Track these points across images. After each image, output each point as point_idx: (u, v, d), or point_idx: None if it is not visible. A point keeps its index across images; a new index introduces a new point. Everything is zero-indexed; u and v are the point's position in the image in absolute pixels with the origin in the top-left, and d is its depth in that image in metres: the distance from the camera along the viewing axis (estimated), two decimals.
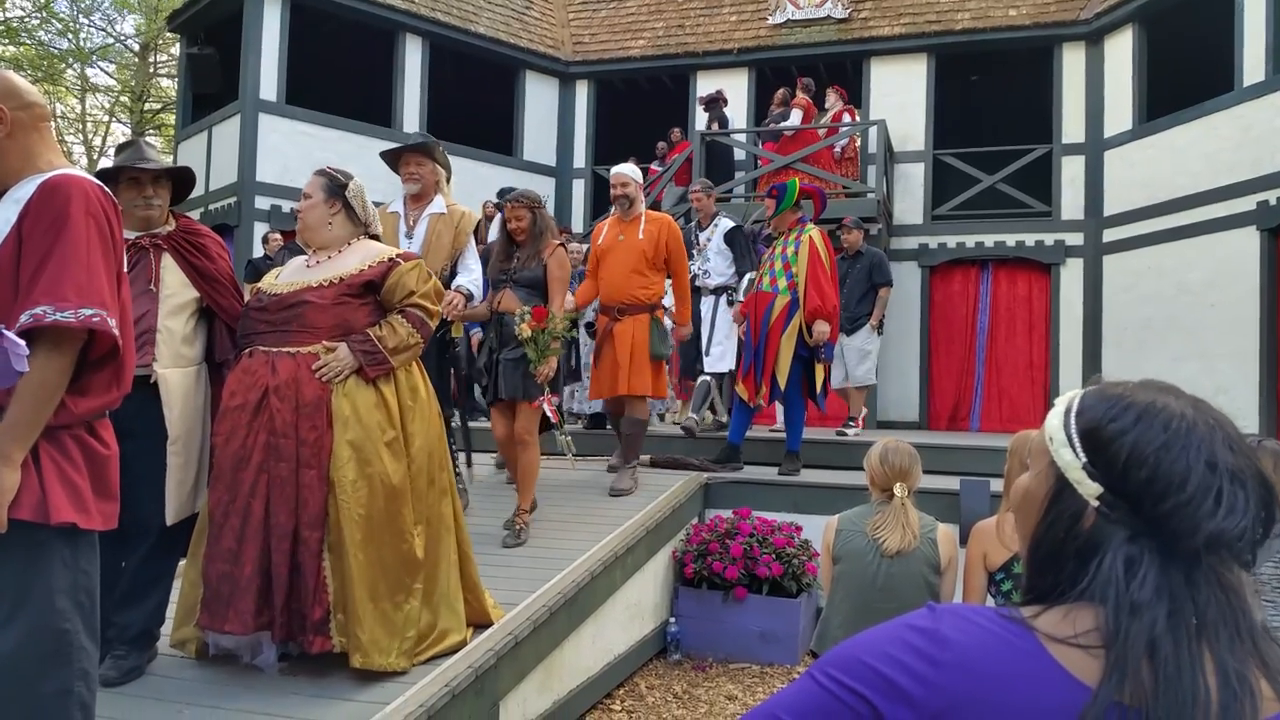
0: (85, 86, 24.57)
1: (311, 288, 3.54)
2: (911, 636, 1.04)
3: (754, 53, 13.21)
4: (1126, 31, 11.37)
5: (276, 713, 3.16)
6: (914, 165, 12.47)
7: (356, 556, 3.33)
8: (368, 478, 3.39)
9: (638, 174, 6.35)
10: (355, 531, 3.33)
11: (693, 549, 6.01)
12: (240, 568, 3.32)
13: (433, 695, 3.36)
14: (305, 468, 3.35)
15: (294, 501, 3.34)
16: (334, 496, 3.35)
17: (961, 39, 12.29)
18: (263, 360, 3.46)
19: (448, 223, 5.28)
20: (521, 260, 5.38)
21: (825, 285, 6.57)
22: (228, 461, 3.39)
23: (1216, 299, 9.98)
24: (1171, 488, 1.00)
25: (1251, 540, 1.00)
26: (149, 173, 3.65)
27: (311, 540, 3.34)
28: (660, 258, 6.10)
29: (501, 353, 5.28)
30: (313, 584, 3.33)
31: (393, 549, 3.43)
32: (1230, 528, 0.98)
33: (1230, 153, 9.96)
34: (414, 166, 5.28)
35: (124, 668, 3.44)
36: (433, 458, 3.65)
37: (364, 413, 3.43)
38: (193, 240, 3.72)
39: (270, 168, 11.62)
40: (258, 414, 3.37)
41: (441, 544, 3.66)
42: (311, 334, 3.47)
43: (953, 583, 3.50)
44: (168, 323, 3.54)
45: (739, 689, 5.34)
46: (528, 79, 13.88)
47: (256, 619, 3.33)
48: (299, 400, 3.38)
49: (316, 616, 3.33)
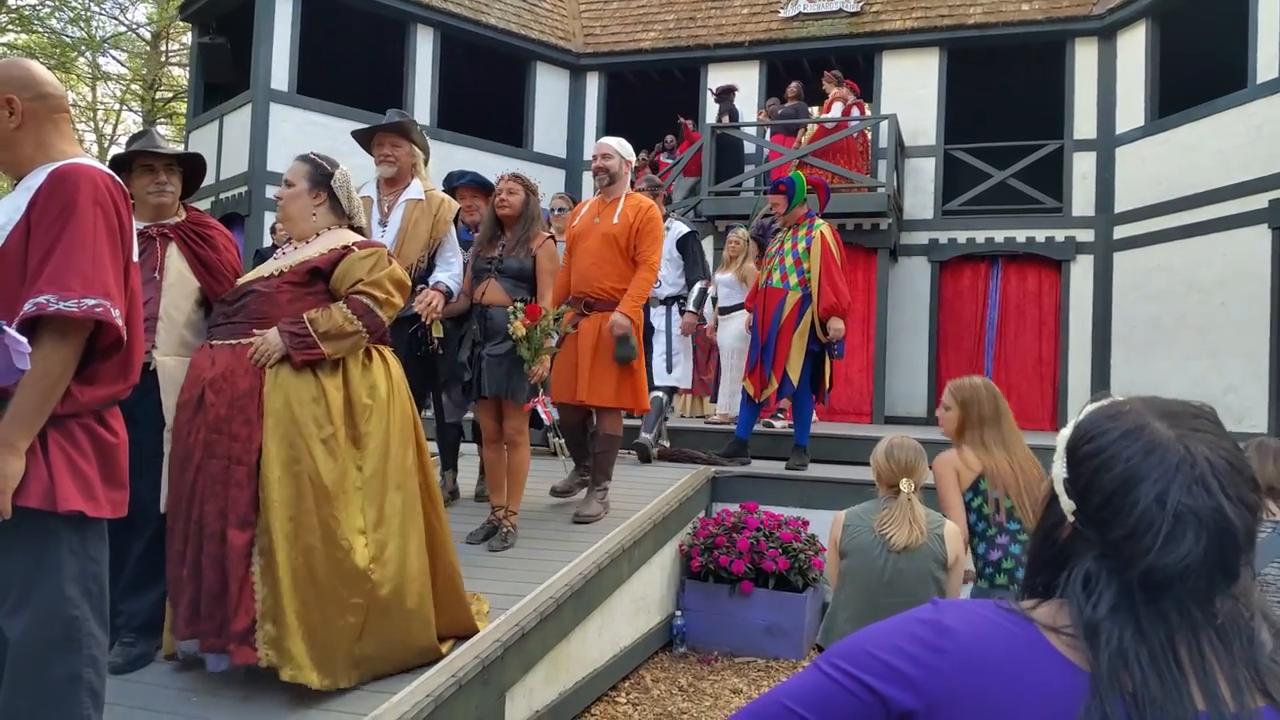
0: (97, 75, 24.64)
1: (262, 278, 3.41)
2: (916, 628, 1.07)
3: (765, 46, 13.18)
4: (1139, 27, 11.32)
5: (279, 706, 3.18)
6: (925, 160, 12.44)
7: (283, 562, 3.12)
8: (295, 475, 3.17)
9: (626, 148, 5.64)
10: (280, 535, 3.13)
11: (699, 542, 6.01)
12: (181, 569, 3.21)
13: (440, 685, 3.37)
14: (235, 464, 3.17)
15: (224, 500, 3.17)
16: (263, 495, 3.16)
17: (973, 33, 12.24)
18: (206, 354, 3.35)
19: (425, 210, 4.89)
20: (507, 248, 4.96)
21: (839, 282, 6.54)
22: (175, 461, 3.30)
23: (1227, 297, 9.94)
24: (1119, 516, 1.02)
25: (1198, 583, 0.99)
26: (161, 158, 3.69)
27: (238, 542, 3.13)
28: (633, 245, 5.40)
29: (485, 347, 4.84)
30: (236, 590, 3.12)
31: (325, 557, 3.18)
32: (1166, 564, 0.99)
33: (1243, 150, 9.91)
34: (388, 148, 4.86)
35: (131, 655, 3.46)
36: (392, 460, 3.40)
37: (297, 407, 3.21)
38: (200, 231, 3.75)
39: (281, 157, 11.62)
40: (197, 411, 3.25)
41: (412, 554, 3.41)
42: (259, 324, 3.29)
43: (959, 579, 3.52)
44: (170, 311, 3.58)
45: (744, 682, 5.35)
46: (538, 70, 13.88)
47: (190, 626, 3.19)
48: (233, 393, 3.22)
49: (240, 626, 3.11)
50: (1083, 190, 11.92)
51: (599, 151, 5.58)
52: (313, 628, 3.15)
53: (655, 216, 5.47)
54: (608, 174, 5.51)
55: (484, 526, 4.99)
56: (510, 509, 5.01)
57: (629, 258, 5.39)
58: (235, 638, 3.11)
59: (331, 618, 3.19)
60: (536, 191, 5.14)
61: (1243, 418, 9.32)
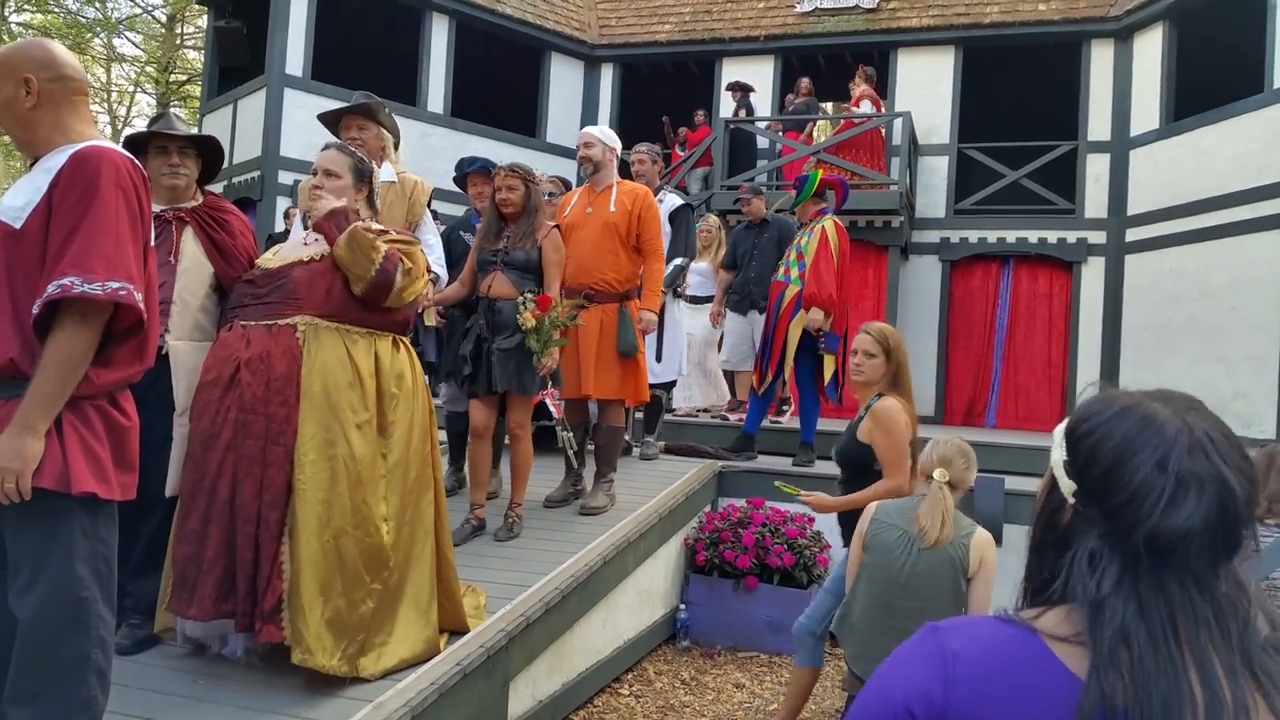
0: (111, 56, 24.68)
1: (303, 261, 3.43)
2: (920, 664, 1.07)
3: (780, 40, 13.15)
4: (1157, 29, 11.27)
5: (284, 689, 3.20)
6: (938, 158, 12.41)
7: (310, 543, 3.13)
8: (330, 459, 3.20)
9: (609, 136, 5.55)
10: (311, 517, 3.14)
11: (705, 537, 6.03)
12: (203, 550, 3.17)
13: (444, 674, 3.39)
14: (272, 444, 3.18)
15: (260, 480, 3.17)
16: (297, 477, 3.17)
17: (990, 32, 12.20)
18: (239, 334, 3.33)
19: (399, 193, 4.76)
20: (512, 240, 4.92)
21: (825, 274, 6.46)
22: (197, 439, 3.27)
23: (1238, 302, 9.91)
24: (1120, 484, 1.04)
25: (1201, 545, 1.01)
26: (176, 139, 3.68)
27: (272, 520, 3.15)
28: (634, 234, 5.35)
29: (495, 341, 4.76)
30: (269, 569, 3.14)
31: (355, 541, 3.22)
32: (1170, 526, 1.00)
33: (1258, 155, 9.87)
34: (355, 130, 4.69)
35: (138, 637, 3.48)
36: (414, 450, 3.46)
37: (334, 391, 3.24)
38: (216, 216, 3.74)
39: (294, 143, 11.65)
40: (229, 390, 3.23)
41: (417, 545, 3.46)
42: (294, 305, 3.31)
43: (983, 590, 3.34)
44: (184, 295, 3.57)
45: (747, 677, 5.37)
46: (553, 61, 13.87)
47: (218, 606, 3.16)
48: (270, 375, 3.21)
49: (269, 604, 3.12)
50: (1095, 192, 11.88)
51: (581, 140, 5.53)
52: (338, 612, 3.17)
53: (653, 203, 5.46)
54: (591, 163, 5.44)
55: (463, 526, 4.84)
56: (515, 501, 5.01)
57: (629, 246, 5.35)
58: (265, 615, 3.13)
59: (356, 603, 3.22)
60: (536, 181, 5.09)
61: (1250, 423, 9.30)
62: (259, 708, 3.07)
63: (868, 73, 11.81)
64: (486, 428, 4.91)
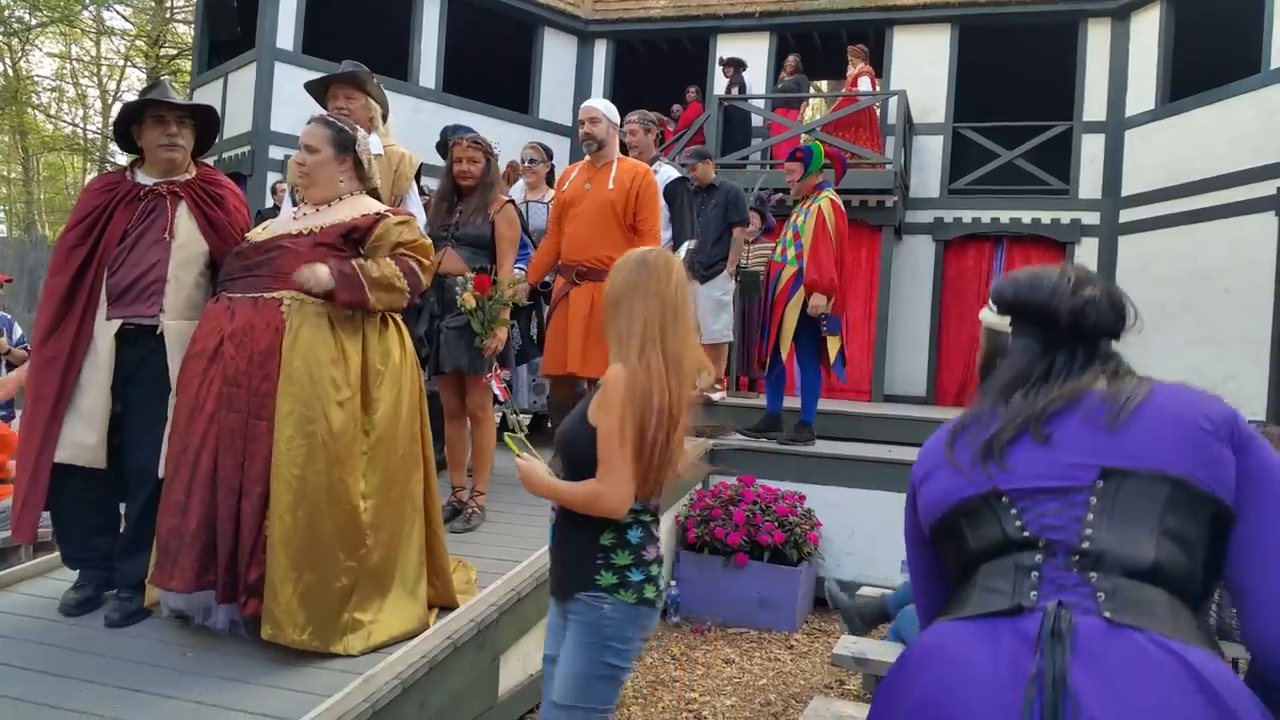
0: (101, 30, 24.46)
1: (291, 235, 3.38)
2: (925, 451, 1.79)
3: (775, 17, 13.07)
4: (1154, 9, 11.23)
5: (273, 662, 3.19)
6: (933, 138, 12.38)
7: (283, 519, 3.11)
8: (308, 436, 3.16)
9: (613, 111, 5.40)
10: (286, 493, 3.12)
11: (696, 514, 6.04)
12: (186, 522, 3.16)
13: (435, 647, 3.39)
14: (255, 418, 3.17)
15: (242, 454, 3.16)
16: (274, 452, 3.15)
17: (986, 10, 12.14)
18: (224, 306, 3.31)
19: (385, 165, 4.61)
20: (465, 214, 4.82)
21: (825, 258, 6.35)
22: (183, 411, 3.26)
23: (1230, 284, 9.92)
24: (1039, 293, 1.67)
25: (1108, 324, 1.67)
26: (175, 109, 3.60)
27: (254, 495, 3.14)
28: (631, 212, 5.20)
29: (444, 319, 4.68)
30: (251, 542, 3.14)
31: (330, 519, 3.20)
32: (1081, 303, 1.64)
33: (1253, 136, 9.85)
34: (342, 100, 4.54)
35: (127, 610, 3.47)
36: (402, 427, 3.43)
37: (315, 368, 3.20)
38: (210, 190, 3.66)
39: (285, 117, 11.56)
40: (213, 362, 3.22)
41: (405, 523, 3.45)
42: (281, 281, 3.28)
43: None
44: (179, 273, 3.50)
45: (736, 653, 5.38)
46: (546, 36, 13.76)
47: (200, 578, 3.17)
48: (253, 348, 3.19)
49: (253, 576, 3.14)
50: (1090, 172, 11.86)
51: (585, 116, 5.32)
52: (310, 588, 3.16)
53: (653, 182, 5.34)
54: (595, 140, 5.27)
55: (444, 508, 4.64)
56: (477, 489, 4.86)
57: (626, 225, 5.21)
58: (249, 589, 3.14)
59: (328, 579, 3.20)
60: (495, 156, 5.00)
61: (1242, 405, 9.24)
62: (248, 680, 3.06)
63: (863, 51, 11.76)
64: (458, 407, 4.85)
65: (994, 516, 1.54)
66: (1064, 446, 1.53)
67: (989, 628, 1.45)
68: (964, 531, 1.58)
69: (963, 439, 1.64)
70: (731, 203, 7.58)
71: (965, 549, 1.58)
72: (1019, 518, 1.52)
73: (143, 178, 3.64)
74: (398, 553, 3.42)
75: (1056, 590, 1.44)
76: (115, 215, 3.53)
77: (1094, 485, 1.49)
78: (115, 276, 3.46)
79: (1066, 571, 1.45)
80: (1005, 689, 1.37)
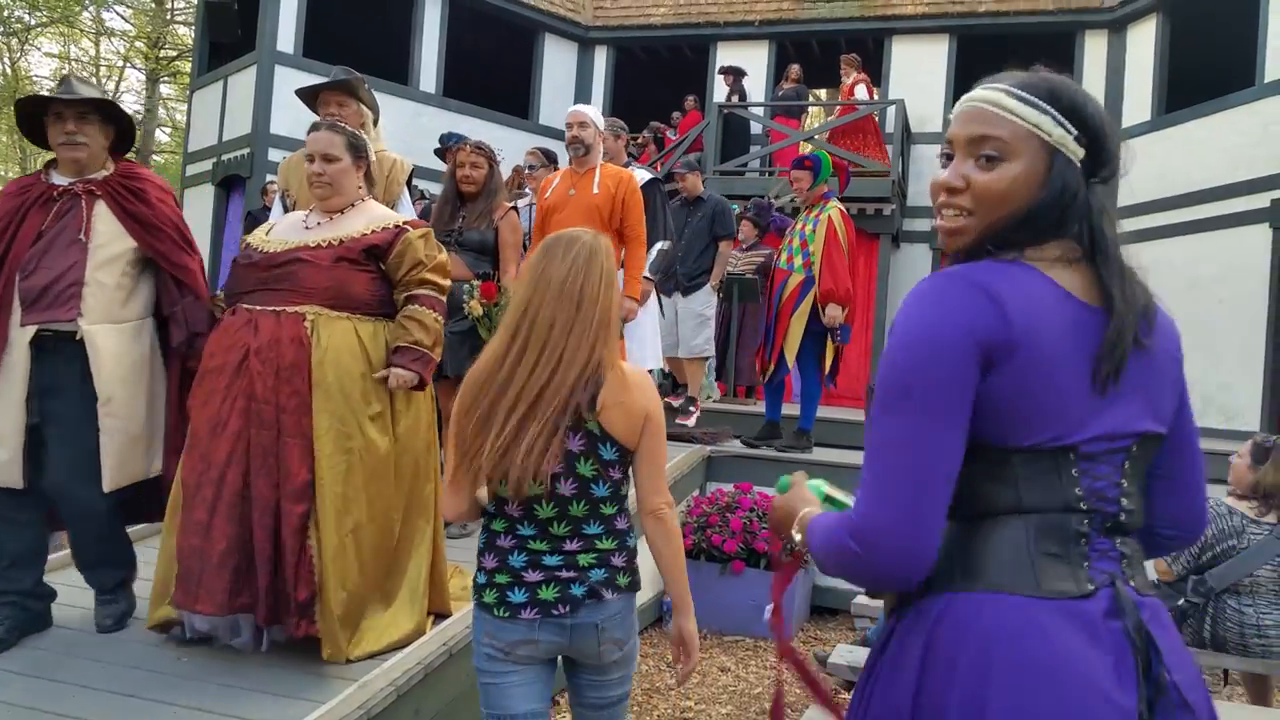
0: (100, 30, 24.46)
1: (308, 247, 3.26)
2: (969, 304, 1.32)
3: (775, 25, 13.12)
4: (1150, 21, 11.28)
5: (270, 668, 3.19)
6: (931, 146, 12.40)
7: (330, 538, 3.09)
8: (346, 452, 3.13)
9: (598, 116, 5.41)
10: (330, 511, 3.09)
11: (692, 521, 6.04)
12: (211, 542, 3.05)
13: (431, 654, 3.38)
14: (288, 437, 3.08)
15: (276, 472, 3.08)
16: (315, 470, 3.10)
17: (984, 21, 12.20)
18: (244, 319, 3.19)
19: (377, 171, 4.57)
20: (468, 220, 4.81)
21: (839, 268, 6.38)
22: (203, 427, 3.13)
23: (1225, 295, 9.94)
24: (1115, 139, 1.55)
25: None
26: (74, 105, 3.35)
27: (294, 515, 3.06)
28: (617, 217, 5.19)
29: (447, 325, 4.72)
30: (294, 562, 3.06)
31: (370, 534, 3.20)
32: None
33: (1248, 148, 9.89)
34: (335, 107, 4.46)
35: (116, 613, 3.44)
36: (418, 438, 3.42)
37: (348, 382, 3.16)
38: (130, 186, 3.44)
39: (285, 120, 11.58)
40: (237, 377, 3.11)
41: (417, 533, 3.45)
42: (303, 295, 3.18)
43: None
44: (98, 275, 3.31)
45: (732, 661, 5.39)
46: (547, 42, 13.80)
47: (233, 599, 3.07)
48: (279, 363, 3.10)
49: (302, 598, 3.08)
50: None
51: (574, 120, 5.29)
52: (356, 604, 3.17)
53: (637, 187, 5.33)
54: (583, 144, 5.24)
55: None
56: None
57: (612, 230, 5.17)
58: (298, 610, 3.09)
59: (370, 595, 3.22)
60: (498, 162, 4.98)
61: (1234, 416, 9.35)
62: (243, 686, 3.06)
63: (856, 60, 11.79)
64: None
65: (1054, 466, 1.30)
66: (1127, 395, 1.34)
67: (1077, 620, 1.26)
68: (1016, 465, 1.31)
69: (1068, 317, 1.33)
70: (718, 216, 7.54)
71: (1009, 477, 1.31)
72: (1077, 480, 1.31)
73: (57, 178, 3.45)
74: (408, 563, 3.44)
75: (1100, 558, 1.31)
76: (28, 218, 3.34)
77: (1130, 450, 1.35)
78: (29, 280, 3.25)
79: (1103, 537, 1.32)
80: (1117, 693, 1.24)
